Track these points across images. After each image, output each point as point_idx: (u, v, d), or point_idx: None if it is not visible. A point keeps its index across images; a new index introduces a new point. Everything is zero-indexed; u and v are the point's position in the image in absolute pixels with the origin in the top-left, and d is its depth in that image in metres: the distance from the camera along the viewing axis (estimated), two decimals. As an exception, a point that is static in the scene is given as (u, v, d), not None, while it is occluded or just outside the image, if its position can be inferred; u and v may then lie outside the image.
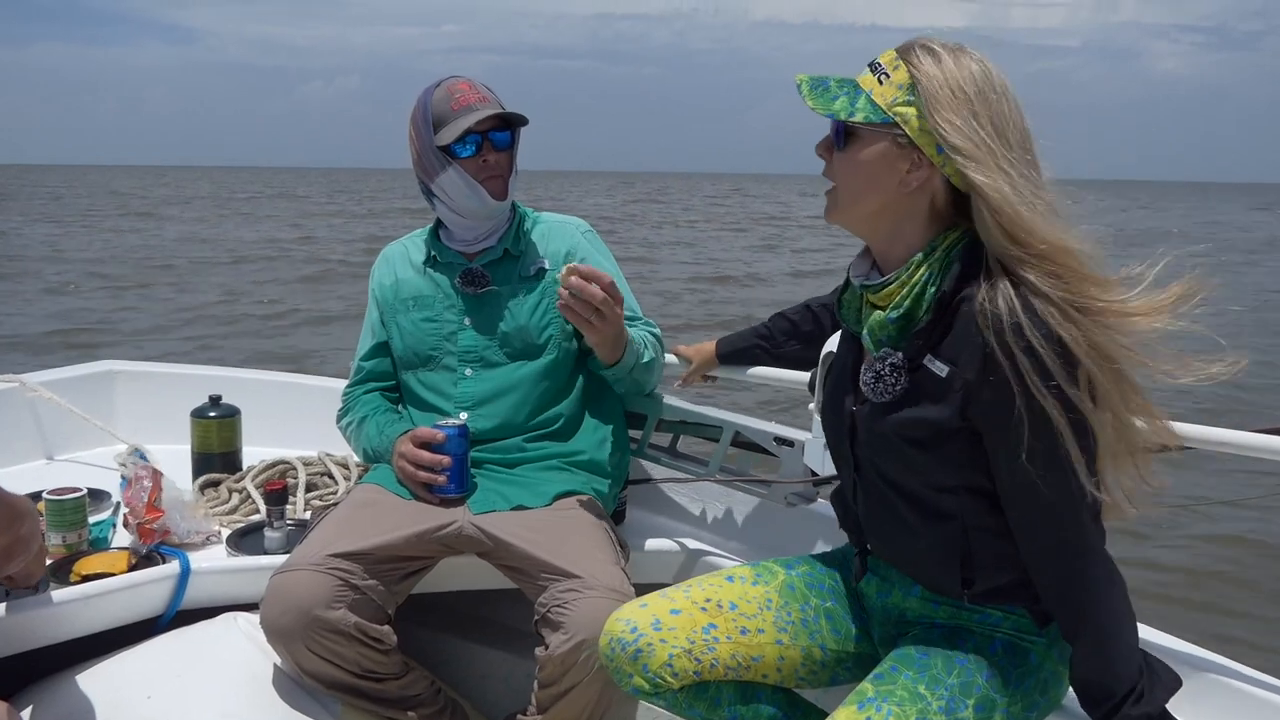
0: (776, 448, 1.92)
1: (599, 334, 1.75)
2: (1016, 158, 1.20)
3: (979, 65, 1.22)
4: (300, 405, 2.64)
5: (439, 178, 1.93)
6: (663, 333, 2.06)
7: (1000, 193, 1.18)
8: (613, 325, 1.75)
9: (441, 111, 1.90)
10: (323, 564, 1.64)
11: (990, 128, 1.20)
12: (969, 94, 1.20)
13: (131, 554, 1.86)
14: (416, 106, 1.94)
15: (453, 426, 1.83)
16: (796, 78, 1.30)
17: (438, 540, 1.77)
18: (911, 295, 1.26)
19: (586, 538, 1.76)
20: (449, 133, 1.87)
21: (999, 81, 1.23)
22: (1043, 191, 1.21)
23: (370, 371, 2.09)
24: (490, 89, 1.95)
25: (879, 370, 1.30)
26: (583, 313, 1.71)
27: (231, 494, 2.22)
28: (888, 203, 1.27)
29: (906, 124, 1.22)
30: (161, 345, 9.59)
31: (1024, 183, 1.19)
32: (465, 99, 1.90)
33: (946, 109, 1.20)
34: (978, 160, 1.19)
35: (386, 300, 2.05)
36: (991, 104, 1.21)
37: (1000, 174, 1.19)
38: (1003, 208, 1.18)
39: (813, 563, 1.56)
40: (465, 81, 1.93)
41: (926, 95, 1.21)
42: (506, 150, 1.94)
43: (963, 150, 1.19)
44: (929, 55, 1.23)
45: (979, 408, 1.22)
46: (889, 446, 1.32)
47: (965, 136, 1.19)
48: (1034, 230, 1.18)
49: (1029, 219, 1.18)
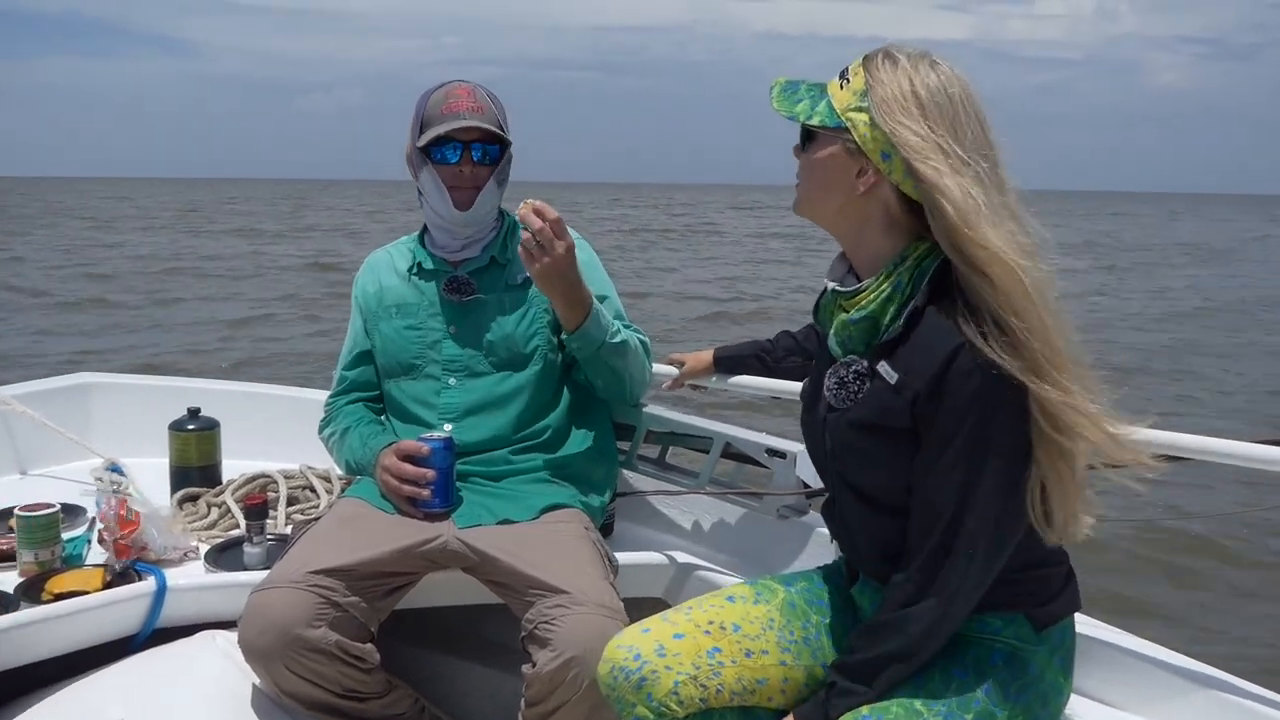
0: (768, 459, 1.89)
1: (539, 266, 1.70)
2: (972, 161, 1.19)
3: (939, 75, 1.22)
4: (282, 417, 2.59)
5: (420, 177, 1.93)
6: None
7: (946, 191, 1.18)
8: (554, 261, 1.70)
9: (432, 114, 1.89)
10: (303, 581, 1.60)
11: (944, 130, 1.20)
12: (922, 99, 1.21)
13: (106, 571, 1.81)
14: (415, 105, 1.94)
15: (437, 439, 1.79)
16: (773, 81, 1.33)
17: (422, 555, 1.72)
18: (877, 301, 1.26)
19: (574, 552, 1.72)
20: (431, 133, 1.87)
21: (959, 92, 1.22)
22: (1002, 202, 1.20)
23: (353, 381, 2.05)
24: (495, 100, 1.94)
25: (842, 376, 1.31)
26: (526, 244, 1.70)
27: (210, 509, 2.17)
28: (843, 205, 1.28)
29: (855, 129, 1.24)
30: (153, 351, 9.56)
31: (975, 186, 1.18)
32: (457, 105, 1.88)
33: (898, 113, 1.21)
34: (925, 156, 1.19)
35: (370, 307, 2.01)
36: (946, 111, 1.21)
37: (949, 174, 1.18)
38: (947, 206, 1.17)
39: (811, 578, 1.52)
40: (466, 88, 1.91)
41: (876, 101, 1.22)
42: (488, 165, 1.91)
43: (910, 146, 1.19)
44: (888, 62, 1.24)
45: (922, 414, 1.22)
46: (852, 454, 1.32)
47: (915, 134, 1.20)
48: (976, 231, 1.17)
49: (974, 220, 1.17)
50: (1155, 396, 7.55)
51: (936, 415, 1.21)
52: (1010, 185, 1.24)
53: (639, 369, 1.97)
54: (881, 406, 1.26)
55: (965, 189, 1.18)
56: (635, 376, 1.97)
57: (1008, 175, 1.24)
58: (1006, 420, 1.19)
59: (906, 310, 1.24)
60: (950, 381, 1.19)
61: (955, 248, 1.19)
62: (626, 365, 1.92)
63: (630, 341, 1.91)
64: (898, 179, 1.24)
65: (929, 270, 1.25)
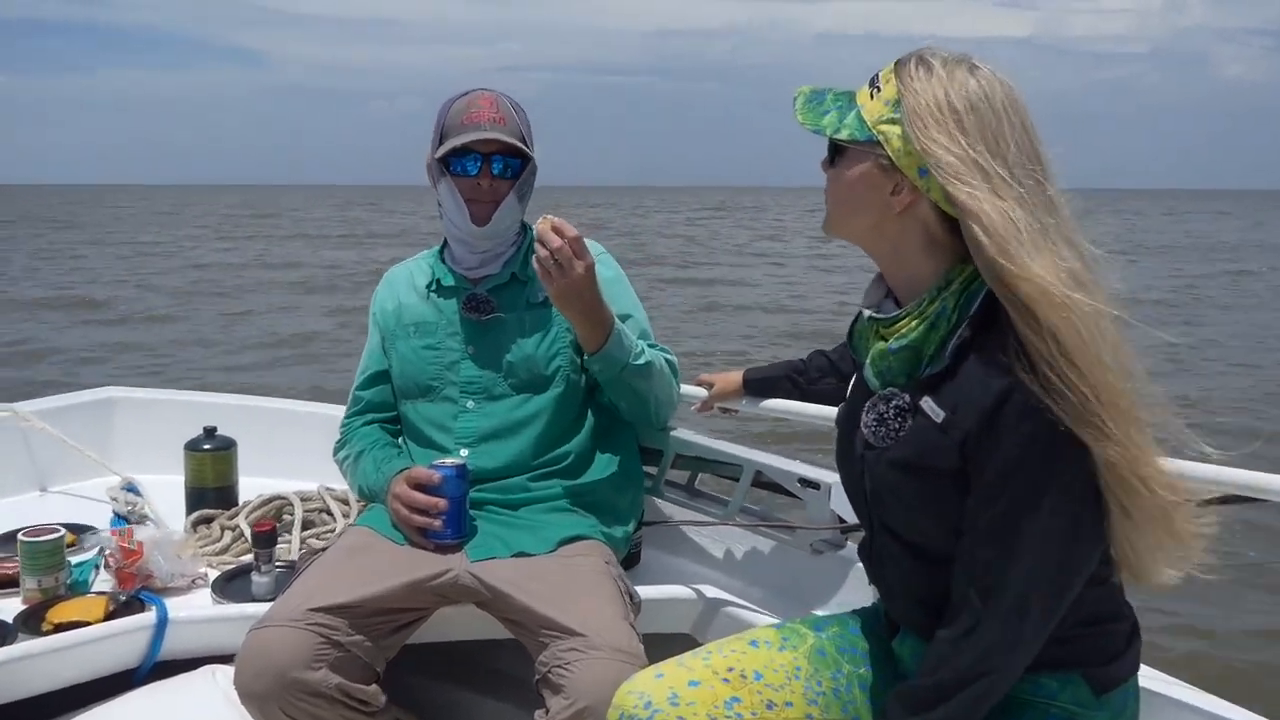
0: (801, 490, 1.77)
1: (555, 286, 1.62)
2: (1015, 181, 1.07)
3: (979, 81, 1.10)
4: (302, 434, 2.52)
5: (438, 187, 1.86)
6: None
7: (983, 217, 1.05)
8: (573, 282, 1.61)
9: (453, 124, 1.81)
10: (302, 619, 1.51)
11: (983, 147, 1.08)
12: (959, 110, 1.09)
13: (110, 600, 1.75)
14: (437, 113, 1.86)
15: (450, 467, 1.70)
16: (796, 90, 1.21)
17: (432, 590, 1.63)
18: (919, 330, 1.14)
19: (593, 589, 1.61)
20: (450, 144, 1.79)
21: (1002, 100, 1.10)
22: (1052, 225, 1.08)
23: (369, 402, 1.97)
24: (519, 110, 1.85)
25: (882, 412, 1.19)
26: (544, 262, 1.61)
27: (224, 532, 2.10)
28: (877, 224, 1.18)
29: (888, 143, 1.12)
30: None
31: (1018, 209, 1.06)
32: (478, 116, 1.80)
33: (932, 127, 1.09)
34: (962, 179, 1.07)
35: (387, 325, 1.94)
36: (987, 122, 1.08)
37: (989, 197, 1.06)
38: (982, 236, 1.06)
39: (844, 622, 1.41)
40: (489, 97, 1.83)
41: (910, 112, 1.10)
42: (508, 179, 1.83)
43: (945, 166, 1.08)
44: (922, 68, 1.12)
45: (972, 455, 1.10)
46: (893, 496, 1.20)
47: (950, 152, 1.08)
48: (1015, 262, 1.04)
49: (1014, 250, 1.05)
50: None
51: (990, 457, 1.08)
52: (1063, 203, 1.11)
53: (665, 390, 1.86)
54: (926, 446, 1.14)
55: (1005, 213, 1.06)
56: (661, 399, 1.86)
57: (1058, 192, 1.11)
58: (1068, 464, 1.06)
59: (953, 341, 1.12)
60: (1004, 421, 1.07)
61: (996, 279, 1.07)
62: (651, 387, 1.81)
63: (655, 362, 1.81)
64: (936, 197, 1.12)
65: (977, 295, 1.12)
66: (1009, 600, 1.10)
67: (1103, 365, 1.04)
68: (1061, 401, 1.04)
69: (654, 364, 1.80)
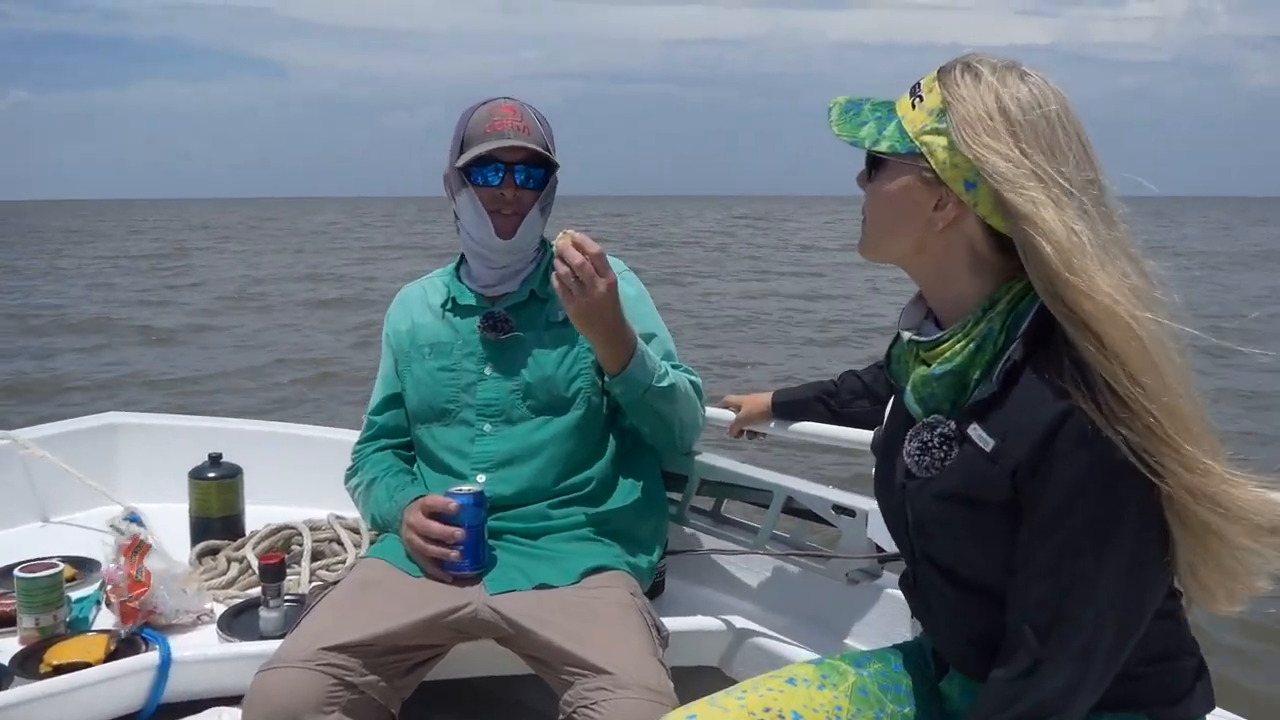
0: (835, 517, 1.69)
1: (576, 305, 1.55)
2: (1075, 190, 0.99)
3: (1031, 89, 1.02)
4: (312, 460, 2.44)
5: (457, 198, 1.79)
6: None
7: (1044, 226, 0.97)
8: (594, 301, 1.54)
9: (474, 132, 1.75)
10: (313, 659, 1.43)
11: (1039, 155, 1.00)
12: (1012, 117, 1.01)
13: (111, 639, 1.67)
14: (457, 122, 1.79)
15: (467, 494, 1.62)
16: (831, 101, 1.13)
17: (449, 626, 1.55)
18: (965, 353, 1.06)
19: (619, 623, 1.53)
20: (473, 153, 1.72)
21: (1057, 108, 1.02)
22: (1112, 238, 1.00)
23: (382, 427, 1.90)
24: (543, 120, 1.79)
25: (925, 440, 1.10)
26: (564, 279, 1.54)
27: (230, 564, 2.02)
28: (920, 243, 1.09)
29: (932, 155, 1.04)
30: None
31: (1080, 220, 0.98)
32: (501, 124, 1.73)
33: (983, 134, 1.01)
34: (1018, 185, 0.99)
35: (401, 347, 1.86)
36: (1042, 131, 1.01)
37: (1049, 206, 0.98)
38: (1045, 247, 0.97)
39: (887, 659, 1.32)
40: (512, 105, 1.77)
41: (958, 121, 1.02)
42: (533, 190, 1.76)
43: (999, 174, 0.99)
44: (969, 75, 1.04)
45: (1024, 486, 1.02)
46: (939, 528, 1.12)
47: (1005, 160, 1.00)
48: (1081, 277, 0.96)
49: (1079, 264, 0.97)
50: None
51: (1045, 489, 1.00)
52: (1120, 216, 1.03)
53: (690, 413, 1.79)
54: (974, 476, 1.05)
55: (1068, 225, 0.98)
56: (686, 421, 1.78)
57: (1115, 204, 1.03)
58: (1131, 494, 0.98)
59: (1001, 365, 1.04)
60: (1059, 449, 0.98)
61: (1055, 296, 0.99)
62: (675, 410, 1.73)
63: (679, 384, 1.73)
64: (984, 212, 1.04)
65: (1025, 315, 1.04)
66: (1071, 640, 1.01)
67: (1170, 388, 0.96)
68: (1126, 428, 0.95)
69: (677, 386, 1.72)
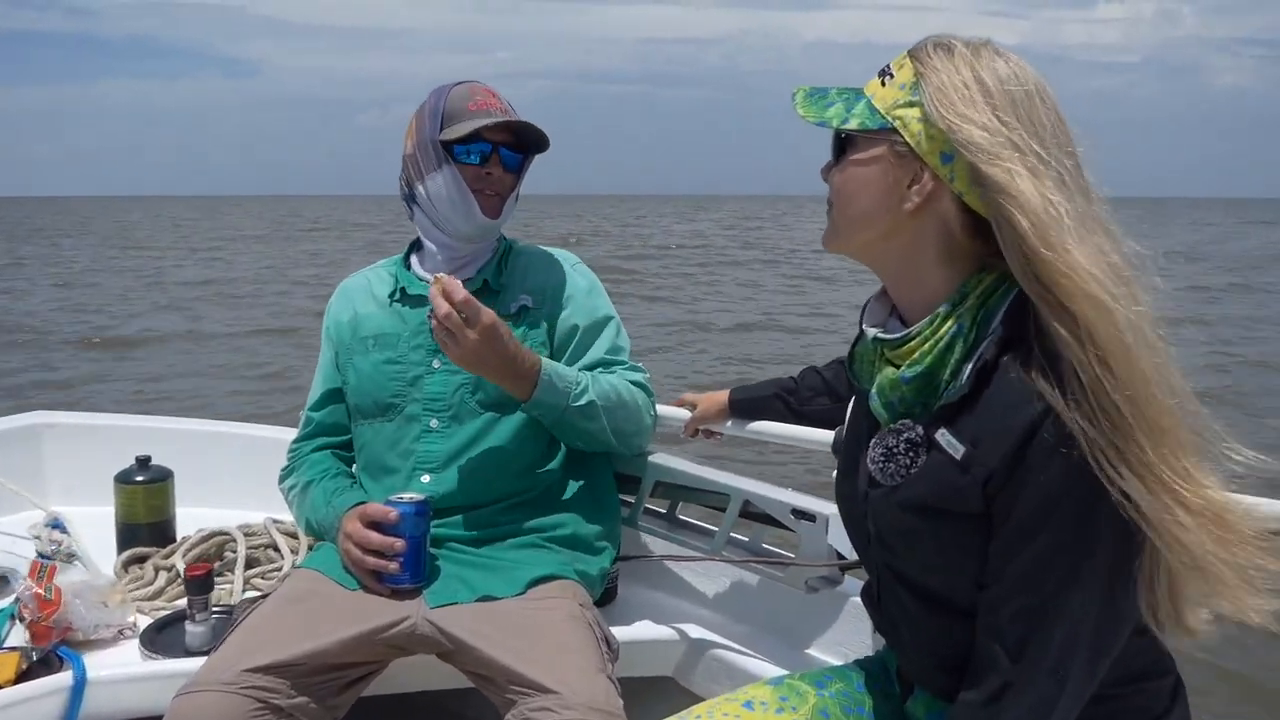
0: (794, 522, 1.61)
1: (451, 354, 1.51)
2: (1053, 159, 0.93)
3: (1006, 63, 0.97)
4: (248, 460, 2.33)
5: (430, 177, 1.67)
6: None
7: (1021, 197, 0.91)
8: (467, 350, 1.49)
9: (457, 109, 1.66)
10: (235, 682, 1.33)
11: (1017, 125, 0.94)
12: (989, 88, 0.95)
13: (22, 658, 1.55)
14: (427, 100, 1.69)
15: (409, 503, 1.52)
16: (795, 88, 1.06)
17: (385, 642, 1.46)
18: (934, 352, 0.99)
19: (566, 638, 1.45)
20: (459, 129, 1.63)
21: (1035, 83, 0.96)
22: (1090, 212, 0.94)
23: (320, 424, 1.80)
24: (513, 111, 1.71)
25: (890, 446, 1.03)
26: (436, 330, 1.50)
27: (158, 573, 1.91)
28: (891, 227, 1.02)
29: (906, 128, 0.98)
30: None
31: (1058, 192, 0.92)
32: (486, 103, 1.67)
33: (959, 103, 0.95)
34: (995, 156, 0.92)
35: (343, 339, 1.76)
36: (1019, 102, 0.95)
37: (1026, 176, 0.92)
38: (1021, 219, 0.91)
39: (849, 677, 1.25)
40: (489, 88, 1.71)
41: (933, 91, 0.96)
42: (513, 172, 1.70)
43: (976, 144, 0.93)
44: (941, 50, 0.98)
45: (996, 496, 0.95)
46: (903, 540, 1.05)
47: (982, 129, 0.93)
48: (1057, 250, 0.90)
49: (1055, 236, 0.90)
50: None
51: (1018, 498, 0.93)
52: (1096, 192, 0.97)
53: (630, 421, 1.70)
54: (943, 485, 0.98)
55: (1045, 195, 0.91)
56: (624, 430, 1.69)
57: (1091, 180, 0.97)
58: (1109, 503, 0.91)
59: (972, 364, 0.97)
60: (1034, 457, 0.92)
61: (1030, 273, 0.92)
62: (604, 424, 1.65)
63: (611, 396, 1.65)
64: (961, 187, 0.97)
65: (996, 311, 0.98)
66: (1043, 660, 0.95)
67: (1144, 376, 0.90)
68: (1097, 421, 0.89)
69: (600, 402, 1.63)
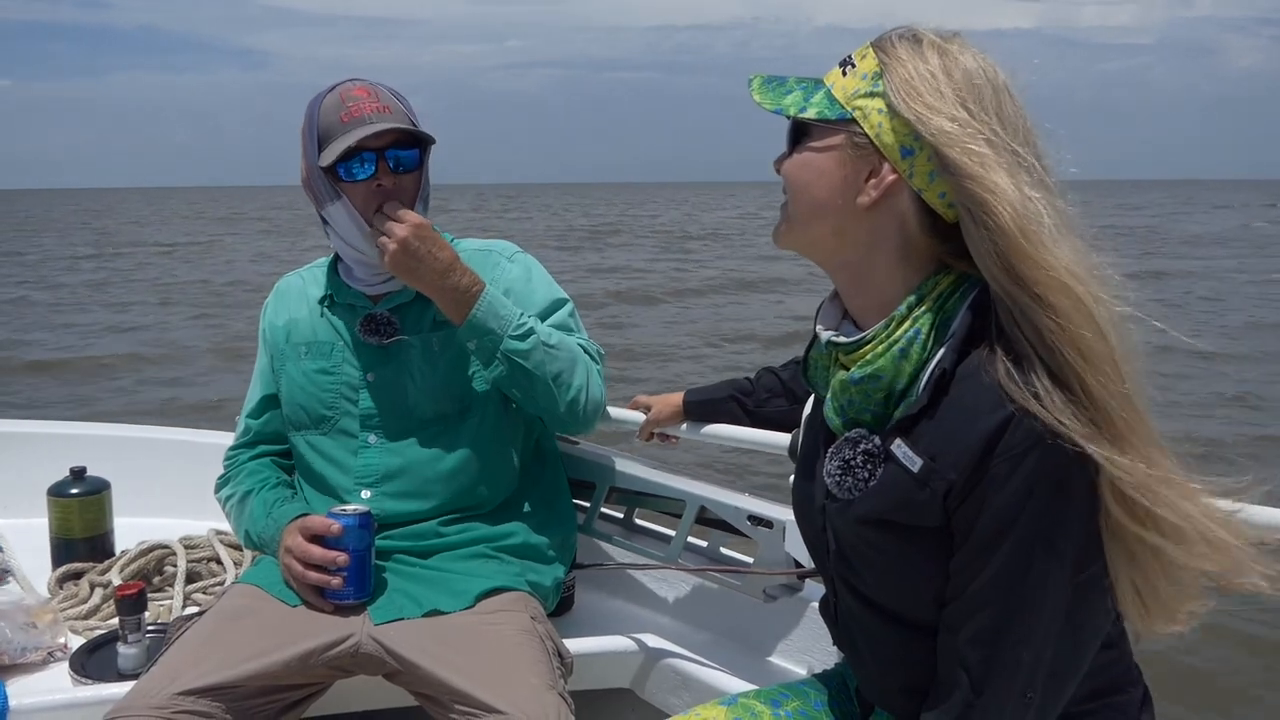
0: (751, 529, 1.57)
1: (389, 258, 1.49)
2: (1028, 156, 0.90)
3: (975, 58, 0.93)
4: (189, 468, 2.25)
5: (326, 208, 1.57)
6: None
7: (998, 190, 0.87)
8: (400, 246, 1.47)
9: (329, 123, 1.53)
10: (167, 706, 1.27)
11: (991, 119, 0.91)
12: (957, 81, 0.91)
13: (-57, 683, 1.47)
14: (305, 116, 1.57)
15: (352, 515, 1.46)
16: (751, 75, 1.02)
17: (328, 663, 1.40)
18: (888, 356, 0.95)
19: (516, 653, 1.40)
20: (336, 147, 1.51)
21: (1003, 79, 0.93)
22: (1064, 212, 0.91)
23: (259, 432, 1.72)
24: (399, 96, 1.59)
25: (847, 458, 0.99)
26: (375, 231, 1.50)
27: (94, 590, 1.83)
28: (844, 222, 0.98)
29: (865, 119, 0.94)
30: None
31: (1036, 187, 0.89)
32: (359, 109, 1.53)
33: (925, 94, 0.91)
34: (965, 143, 0.89)
35: (277, 343, 1.69)
36: (989, 98, 0.91)
37: (999, 167, 0.88)
38: (1002, 210, 0.87)
39: (806, 695, 1.22)
40: (364, 87, 1.56)
41: (897, 82, 0.92)
42: (412, 172, 1.57)
43: (944, 134, 0.89)
44: (907, 41, 0.95)
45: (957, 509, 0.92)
46: (861, 556, 1.01)
47: (950, 119, 0.90)
48: (1037, 246, 0.87)
49: (1035, 231, 0.87)
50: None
51: (979, 513, 0.90)
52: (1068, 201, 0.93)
53: (572, 375, 1.57)
54: (900, 499, 0.94)
55: (1023, 190, 0.88)
56: (571, 383, 1.57)
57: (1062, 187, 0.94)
58: (1076, 511, 0.88)
59: (929, 374, 0.93)
60: (996, 468, 0.88)
61: (1006, 269, 0.88)
62: (547, 367, 1.54)
63: (552, 340, 1.55)
64: (921, 184, 0.93)
65: (954, 316, 0.94)
66: (1008, 680, 0.91)
67: (1122, 374, 0.87)
68: (1070, 419, 0.85)
69: (542, 338, 1.54)
